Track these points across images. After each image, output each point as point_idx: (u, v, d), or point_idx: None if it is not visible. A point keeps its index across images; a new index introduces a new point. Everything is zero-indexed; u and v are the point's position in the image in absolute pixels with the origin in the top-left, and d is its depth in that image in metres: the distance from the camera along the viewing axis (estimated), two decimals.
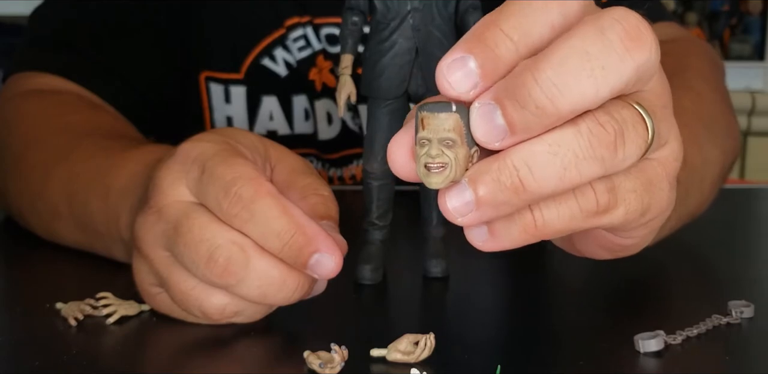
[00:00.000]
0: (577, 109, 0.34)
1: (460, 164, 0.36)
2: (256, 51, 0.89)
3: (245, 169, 0.47)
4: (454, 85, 0.35)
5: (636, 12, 0.36)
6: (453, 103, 0.36)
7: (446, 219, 0.35)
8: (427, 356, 0.45)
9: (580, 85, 0.34)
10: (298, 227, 0.46)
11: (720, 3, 2.95)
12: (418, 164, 0.37)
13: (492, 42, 0.35)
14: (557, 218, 0.37)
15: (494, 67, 0.35)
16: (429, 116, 0.36)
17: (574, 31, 0.35)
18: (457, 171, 0.36)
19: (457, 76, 0.35)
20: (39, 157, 0.69)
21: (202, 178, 0.47)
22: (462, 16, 0.56)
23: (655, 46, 0.36)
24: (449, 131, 0.36)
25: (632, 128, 0.36)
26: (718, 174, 0.70)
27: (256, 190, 0.46)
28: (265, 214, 0.45)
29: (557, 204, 0.37)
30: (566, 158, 0.35)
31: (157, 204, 0.49)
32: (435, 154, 0.36)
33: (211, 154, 0.48)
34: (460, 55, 0.35)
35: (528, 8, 0.35)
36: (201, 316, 0.48)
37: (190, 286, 0.47)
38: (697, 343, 0.46)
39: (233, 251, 0.46)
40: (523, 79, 0.34)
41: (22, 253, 0.68)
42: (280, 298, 0.47)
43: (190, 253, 0.46)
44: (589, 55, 0.34)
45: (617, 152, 0.36)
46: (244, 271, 0.46)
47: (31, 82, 0.82)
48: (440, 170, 0.36)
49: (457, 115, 0.36)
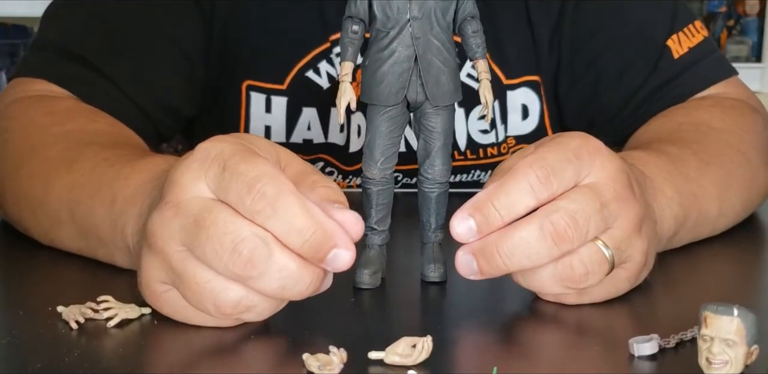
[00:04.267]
0: (524, 266, 0.52)
1: (740, 361, 0.42)
2: (301, 63, 0.90)
3: (267, 167, 0.48)
4: (459, 235, 0.52)
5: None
6: (735, 307, 0.41)
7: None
8: (424, 358, 0.46)
9: (523, 259, 0.51)
10: (319, 225, 0.47)
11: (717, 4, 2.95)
12: (700, 356, 0.43)
13: (486, 213, 0.52)
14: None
15: (486, 229, 0.52)
16: (713, 317, 0.42)
17: (524, 224, 0.51)
18: (736, 367, 0.42)
19: (462, 229, 0.52)
20: (38, 166, 0.69)
21: (224, 175, 0.48)
22: (460, 24, 0.56)
23: (581, 235, 0.52)
24: (731, 333, 0.41)
25: (597, 267, 0.52)
26: (734, 220, 0.76)
27: (279, 188, 0.47)
28: (288, 211, 0.47)
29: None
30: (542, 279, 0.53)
31: (174, 200, 0.49)
32: (717, 352, 0.42)
33: (231, 153, 0.49)
34: (465, 216, 0.52)
35: (513, 194, 0.51)
36: (213, 311, 0.49)
37: (205, 279, 0.48)
38: (692, 347, 0.46)
39: (257, 244, 0.47)
40: (491, 248, 0.51)
41: (24, 256, 0.68)
42: (296, 292, 0.48)
43: (214, 245, 0.47)
44: (529, 244, 0.50)
45: (581, 283, 0.52)
46: (266, 264, 0.47)
47: (31, 88, 0.82)
48: (721, 365, 0.42)
49: (739, 319, 0.41)
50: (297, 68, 0.90)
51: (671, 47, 0.89)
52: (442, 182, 0.59)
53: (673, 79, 0.88)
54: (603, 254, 0.52)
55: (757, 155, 0.79)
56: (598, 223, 0.51)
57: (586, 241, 0.51)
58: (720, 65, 0.91)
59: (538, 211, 0.51)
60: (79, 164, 0.67)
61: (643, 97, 0.89)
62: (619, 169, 0.54)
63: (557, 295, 0.55)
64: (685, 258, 0.67)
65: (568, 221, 0.50)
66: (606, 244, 0.52)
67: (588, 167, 0.53)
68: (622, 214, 0.53)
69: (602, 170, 0.53)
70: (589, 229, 0.51)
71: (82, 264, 0.64)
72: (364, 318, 0.54)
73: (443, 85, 0.56)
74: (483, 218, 0.51)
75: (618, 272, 0.54)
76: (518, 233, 0.51)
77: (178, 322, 0.51)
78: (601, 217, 0.52)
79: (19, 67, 0.86)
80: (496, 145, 0.95)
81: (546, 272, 0.52)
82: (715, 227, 0.73)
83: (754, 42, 2.92)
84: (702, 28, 0.91)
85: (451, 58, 0.56)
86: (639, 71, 0.89)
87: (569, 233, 0.50)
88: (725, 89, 0.89)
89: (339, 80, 0.55)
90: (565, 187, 0.52)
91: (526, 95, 0.94)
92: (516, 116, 0.95)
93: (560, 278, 0.52)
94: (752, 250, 0.74)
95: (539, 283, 0.52)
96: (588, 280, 0.52)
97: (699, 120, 0.82)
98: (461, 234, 0.52)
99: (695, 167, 0.71)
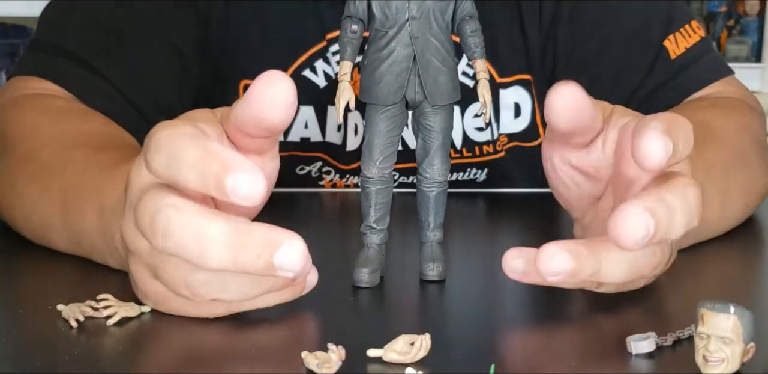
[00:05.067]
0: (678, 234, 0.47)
1: (736, 358, 0.42)
2: (298, 62, 0.91)
3: (175, 123, 0.47)
4: (658, 160, 0.46)
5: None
6: (732, 305, 0.41)
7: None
8: (422, 356, 0.46)
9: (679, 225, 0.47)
10: (209, 153, 0.44)
11: (717, 4, 2.96)
12: (697, 354, 0.43)
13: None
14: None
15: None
16: (709, 314, 0.42)
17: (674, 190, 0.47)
18: (732, 365, 0.42)
19: (661, 155, 0.46)
20: (31, 170, 0.69)
21: (149, 151, 0.47)
22: (459, 24, 0.56)
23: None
24: (728, 330, 0.41)
25: (668, 257, 0.53)
26: (734, 223, 0.76)
27: (170, 133, 0.45)
28: (178, 150, 0.45)
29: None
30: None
31: (128, 197, 0.50)
32: (713, 349, 0.42)
33: (161, 134, 0.47)
34: (667, 140, 0.47)
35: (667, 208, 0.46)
36: (190, 295, 0.48)
37: (174, 266, 0.47)
38: (689, 345, 0.46)
39: (169, 213, 0.44)
40: (664, 208, 0.46)
41: (23, 255, 0.68)
42: (222, 256, 0.44)
43: (143, 227, 0.46)
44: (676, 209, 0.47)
45: (655, 271, 0.52)
46: (181, 230, 0.44)
47: (27, 86, 0.82)
48: (717, 363, 0.42)
49: (736, 316, 0.41)
50: (294, 67, 0.91)
51: (668, 48, 0.89)
52: (441, 181, 0.59)
53: (670, 80, 0.88)
54: (670, 245, 0.53)
55: (756, 155, 0.79)
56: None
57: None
58: (717, 65, 0.91)
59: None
60: (71, 168, 0.67)
61: (641, 98, 0.89)
62: None
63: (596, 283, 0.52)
64: (683, 257, 0.67)
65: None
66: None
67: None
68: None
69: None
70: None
71: (81, 263, 0.64)
72: (363, 316, 0.55)
73: (442, 84, 0.56)
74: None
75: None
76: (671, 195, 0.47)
77: (177, 321, 0.51)
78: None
79: (16, 66, 0.86)
80: (491, 142, 0.96)
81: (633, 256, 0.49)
82: (715, 231, 0.73)
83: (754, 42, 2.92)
84: (699, 28, 0.91)
85: (450, 57, 0.56)
86: (636, 72, 0.89)
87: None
88: (722, 88, 0.89)
89: (338, 80, 0.55)
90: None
91: (518, 93, 0.95)
92: (508, 114, 0.95)
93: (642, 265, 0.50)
94: (752, 250, 0.75)
95: (619, 267, 0.49)
96: (658, 269, 0.53)
97: (699, 120, 0.82)
98: (659, 160, 0.46)
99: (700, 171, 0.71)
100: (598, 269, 0.47)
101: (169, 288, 0.49)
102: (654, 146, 0.46)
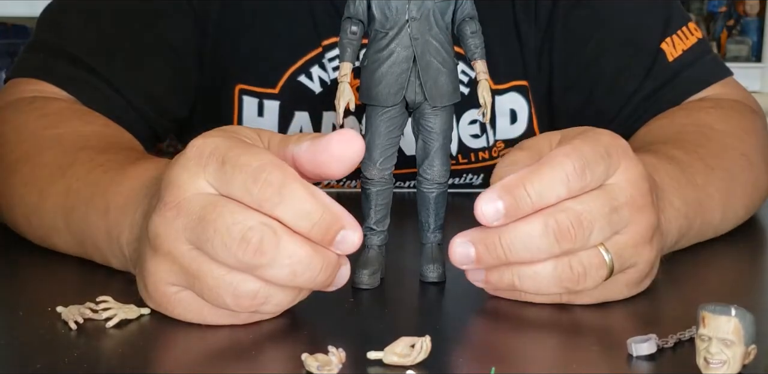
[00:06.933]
0: (522, 259, 0.52)
1: (737, 360, 0.42)
2: (293, 68, 0.91)
3: (268, 156, 0.49)
4: (486, 215, 0.51)
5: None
6: (733, 307, 0.41)
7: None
8: (422, 359, 0.46)
9: (523, 251, 0.51)
10: (326, 207, 0.48)
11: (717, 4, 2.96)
12: (698, 356, 0.43)
13: (517, 196, 0.51)
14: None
15: (513, 213, 0.51)
16: (710, 317, 0.42)
17: (529, 218, 0.51)
18: (734, 367, 0.42)
19: (489, 209, 0.51)
20: (32, 172, 0.69)
21: (225, 168, 0.49)
22: (459, 25, 0.56)
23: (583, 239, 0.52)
24: (729, 332, 0.42)
25: (595, 270, 0.52)
26: (736, 224, 0.76)
27: (284, 175, 0.48)
28: (295, 196, 0.48)
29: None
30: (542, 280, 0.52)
31: (174, 200, 0.50)
32: (714, 351, 0.42)
33: (227, 147, 0.49)
34: (494, 197, 0.51)
35: (548, 181, 0.51)
36: (232, 304, 0.49)
37: (220, 274, 0.48)
38: (690, 347, 0.46)
39: (265, 231, 0.47)
40: (493, 238, 0.51)
41: (23, 257, 0.68)
42: (307, 278, 0.48)
43: (222, 237, 0.47)
44: (532, 238, 0.51)
45: (577, 285, 0.52)
46: (275, 251, 0.47)
47: (26, 89, 0.82)
48: (719, 365, 0.42)
49: (737, 319, 0.41)
50: (289, 73, 0.91)
51: (665, 50, 0.89)
52: (441, 182, 0.59)
53: (668, 83, 0.88)
54: (602, 259, 0.52)
55: (758, 157, 0.79)
56: (604, 227, 0.51)
57: (588, 243, 0.51)
58: (715, 66, 0.91)
59: (546, 209, 0.51)
60: (73, 169, 0.67)
61: (639, 101, 0.89)
62: (642, 175, 0.54)
63: (551, 296, 0.55)
64: (684, 258, 0.67)
65: (573, 221, 0.51)
66: (607, 249, 0.52)
67: (614, 167, 0.53)
68: (635, 221, 0.53)
69: (624, 173, 0.53)
70: (593, 231, 0.51)
71: (81, 265, 0.64)
72: (363, 318, 0.55)
73: (442, 85, 0.56)
74: (513, 202, 0.51)
75: (618, 278, 0.54)
76: (522, 226, 0.51)
77: (177, 323, 0.51)
78: (608, 221, 0.52)
79: (14, 68, 0.86)
80: (487, 149, 0.96)
81: (545, 270, 0.52)
82: (717, 231, 0.73)
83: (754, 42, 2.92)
84: (696, 29, 0.91)
85: (450, 58, 0.56)
86: (634, 76, 0.89)
87: (572, 233, 0.51)
88: (722, 90, 0.89)
89: (338, 81, 0.55)
90: (596, 183, 0.52)
91: (514, 99, 0.94)
92: (504, 121, 0.95)
93: (558, 278, 0.52)
94: (752, 250, 0.74)
95: (536, 282, 0.52)
96: (584, 283, 0.52)
97: (701, 122, 0.82)
98: (488, 215, 0.51)
99: (702, 174, 0.71)
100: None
101: (205, 295, 0.49)
102: (484, 208, 0.51)
